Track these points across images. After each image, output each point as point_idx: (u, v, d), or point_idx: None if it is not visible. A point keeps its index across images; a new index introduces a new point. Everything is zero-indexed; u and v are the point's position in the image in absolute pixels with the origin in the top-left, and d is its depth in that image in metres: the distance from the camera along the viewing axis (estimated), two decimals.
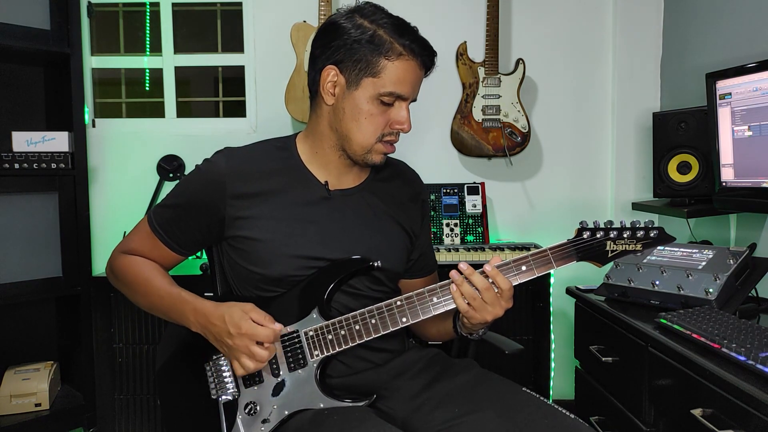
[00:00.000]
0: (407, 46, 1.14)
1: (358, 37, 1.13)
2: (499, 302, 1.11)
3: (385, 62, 1.13)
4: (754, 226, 1.86)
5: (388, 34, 1.14)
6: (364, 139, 1.18)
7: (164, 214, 1.24)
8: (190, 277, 2.12)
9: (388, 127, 1.19)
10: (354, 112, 1.17)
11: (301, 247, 1.19)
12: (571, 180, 2.61)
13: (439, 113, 2.52)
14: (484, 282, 1.10)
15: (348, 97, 1.17)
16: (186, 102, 2.80)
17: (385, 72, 1.14)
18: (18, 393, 2.13)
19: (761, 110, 1.55)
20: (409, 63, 1.15)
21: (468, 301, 1.10)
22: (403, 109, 1.18)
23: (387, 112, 1.18)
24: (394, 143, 1.23)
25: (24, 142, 2.20)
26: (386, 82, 1.14)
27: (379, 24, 1.14)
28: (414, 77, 1.17)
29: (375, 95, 1.15)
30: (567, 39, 2.58)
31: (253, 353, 1.09)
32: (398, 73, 1.14)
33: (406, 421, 1.18)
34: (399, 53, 1.14)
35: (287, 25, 2.41)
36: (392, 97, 1.16)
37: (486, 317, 1.12)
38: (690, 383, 1.18)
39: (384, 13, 1.17)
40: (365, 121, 1.17)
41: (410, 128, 1.20)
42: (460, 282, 1.11)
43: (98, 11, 2.63)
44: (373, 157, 1.21)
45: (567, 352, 2.40)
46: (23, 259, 2.33)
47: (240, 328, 1.08)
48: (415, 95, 1.20)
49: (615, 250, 1.12)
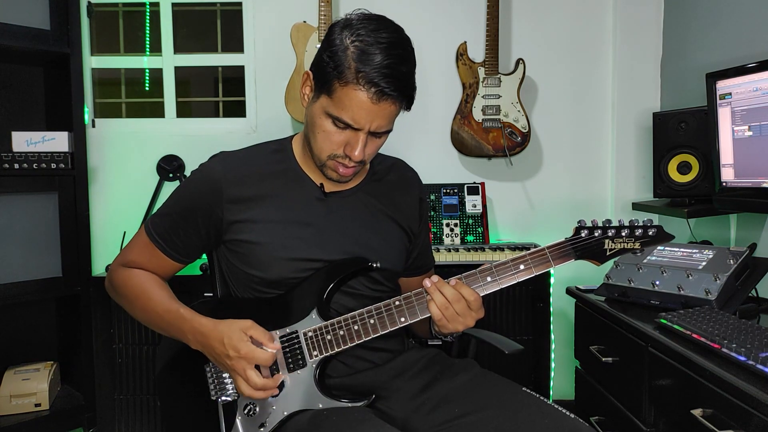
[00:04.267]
0: (362, 74, 1.05)
1: (331, 50, 1.09)
2: (470, 313, 1.11)
3: (336, 85, 1.08)
4: (754, 226, 1.86)
5: (353, 56, 1.06)
6: (317, 150, 1.17)
7: (161, 223, 1.23)
8: (190, 277, 2.12)
9: (342, 149, 1.14)
10: (312, 122, 1.16)
11: (298, 249, 1.19)
12: (571, 180, 2.61)
13: (439, 113, 2.52)
14: (453, 293, 1.10)
15: (310, 107, 1.16)
16: (186, 102, 2.80)
17: (336, 95, 1.09)
18: (18, 393, 2.13)
19: (761, 110, 1.55)
20: (359, 93, 1.07)
21: (441, 311, 1.10)
22: (357, 138, 1.12)
23: (342, 134, 1.12)
24: (348, 167, 1.16)
25: (24, 142, 2.20)
26: (336, 106, 1.09)
27: (353, 42, 1.07)
28: (365, 108, 1.08)
29: (327, 113, 1.12)
30: (567, 39, 2.58)
31: (248, 378, 1.08)
32: (346, 101, 1.08)
33: (406, 421, 1.18)
34: (350, 80, 1.06)
35: (287, 25, 2.41)
36: (342, 123, 1.11)
37: (457, 327, 1.12)
38: (690, 383, 1.18)
39: (372, 33, 1.08)
40: (319, 134, 1.14)
41: (361, 158, 1.13)
42: (432, 291, 1.11)
43: (98, 11, 2.63)
44: (327, 171, 1.19)
45: (567, 352, 2.39)
46: (23, 259, 2.33)
47: (239, 350, 1.08)
48: (373, 127, 1.11)
49: (613, 248, 1.12)
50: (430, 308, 1.11)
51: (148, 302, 1.20)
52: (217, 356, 1.11)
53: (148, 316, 1.21)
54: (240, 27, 2.61)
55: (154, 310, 1.19)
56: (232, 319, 1.11)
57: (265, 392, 1.10)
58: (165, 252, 1.23)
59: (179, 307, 1.17)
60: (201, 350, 1.14)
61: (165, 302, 1.19)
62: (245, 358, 1.08)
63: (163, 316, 1.18)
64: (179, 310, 1.16)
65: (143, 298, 1.21)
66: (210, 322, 1.12)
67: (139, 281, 1.23)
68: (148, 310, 1.20)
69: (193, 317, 1.14)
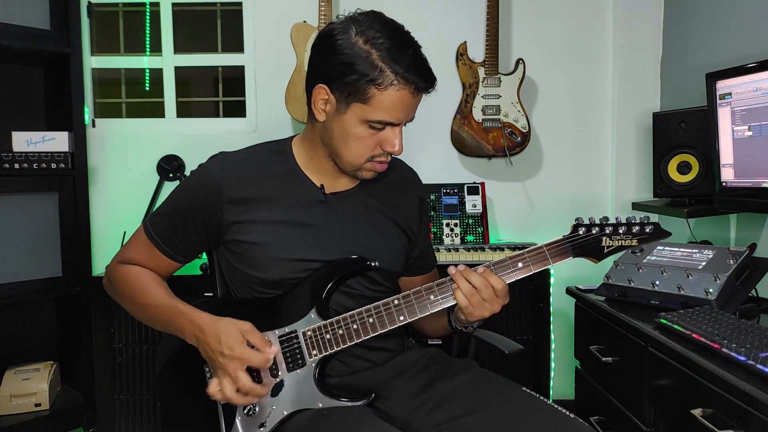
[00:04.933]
0: (400, 74, 1.08)
1: (350, 60, 1.08)
2: (497, 299, 1.12)
3: (374, 90, 1.08)
4: (754, 226, 1.86)
5: (382, 59, 1.07)
6: (353, 158, 1.17)
7: (161, 222, 1.23)
8: (190, 277, 2.12)
9: (379, 148, 1.16)
10: (342, 133, 1.15)
11: (298, 250, 1.19)
12: (571, 180, 2.61)
13: (439, 113, 2.52)
14: (481, 280, 1.10)
15: (337, 119, 1.14)
16: (186, 102, 2.80)
17: (374, 100, 1.09)
18: (18, 393, 2.13)
19: (761, 110, 1.55)
20: (401, 93, 1.09)
21: (467, 297, 1.11)
22: (395, 133, 1.14)
23: (377, 134, 1.14)
24: (385, 162, 1.20)
25: (24, 142, 2.20)
26: (376, 110, 1.10)
27: (374, 45, 1.08)
28: (405, 105, 1.12)
29: (364, 120, 1.12)
30: (567, 39, 2.58)
31: (237, 378, 1.07)
32: (387, 103, 1.09)
33: (406, 421, 1.18)
34: (391, 82, 1.08)
35: (287, 25, 2.41)
36: (381, 124, 1.13)
37: (484, 313, 1.12)
38: (690, 383, 1.18)
39: (383, 30, 1.09)
40: (353, 143, 1.15)
41: (401, 151, 1.16)
42: (458, 278, 1.11)
43: (98, 11, 2.63)
44: (363, 173, 1.20)
45: (567, 352, 2.39)
46: (23, 259, 2.33)
47: (233, 350, 1.07)
48: (407, 119, 1.16)
49: (611, 245, 1.12)
50: (456, 296, 1.11)
51: (146, 298, 1.20)
52: (210, 352, 1.10)
53: (147, 312, 1.21)
54: (240, 27, 2.61)
55: (152, 305, 1.19)
56: (232, 319, 1.11)
57: (246, 398, 1.09)
58: (163, 251, 1.23)
59: (177, 302, 1.17)
60: (195, 345, 1.13)
61: (163, 298, 1.19)
62: (239, 358, 1.07)
63: (161, 310, 1.18)
64: (177, 305, 1.16)
65: (141, 294, 1.21)
66: (209, 318, 1.12)
67: (137, 278, 1.23)
68: (147, 305, 1.20)
69: (192, 312, 1.14)
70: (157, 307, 1.19)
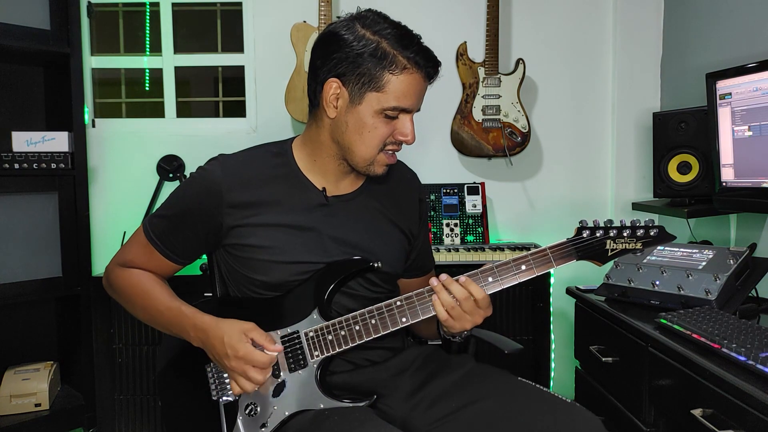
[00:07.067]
0: (411, 59, 1.12)
1: (361, 50, 1.11)
2: (478, 311, 1.11)
3: (389, 76, 1.11)
4: (754, 226, 1.86)
5: (391, 46, 1.11)
6: (366, 151, 1.17)
7: (160, 224, 1.22)
8: (190, 277, 2.12)
9: (392, 137, 1.18)
10: (357, 125, 1.15)
11: (299, 253, 1.19)
12: (572, 180, 2.61)
13: (439, 113, 2.52)
14: (462, 291, 1.09)
15: (351, 111, 1.15)
16: (186, 102, 2.80)
17: (389, 86, 1.12)
18: (18, 393, 2.13)
19: (761, 110, 1.55)
20: (413, 76, 1.13)
21: (447, 310, 1.10)
22: (407, 121, 1.17)
23: (391, 123, 1.16)
24: (396, 152, 1.22)
25: (24, 142, 2.20)
26: (390, 97, 1.12)
27: (382, 35, 1.11)
28: (418, 90, 1.15)
29: (379, 109, 1.13)
30: (567, 39, 2.58)
31: (249, 377, 1.08)
32: (402, 87, 1.12)
33: (405, 419, 1.18)
34: (403, 67, 1.11)
35: (287, 25, 2.41)
36: (396, 111, 1.14)
37: (465, 326, 1.11)
38: (690, 383, 1.18)
39: (387, 22, 1.14)
40: (368, 134, 1.16)
41: (414, 140, 1.18)
42: (439, 290, 1.10)
43: (98, 11, 2.63)
44: (375, 168, 1.20)
45: (567, 352, 2.39)
46: (23, 259, 2.33)
47: (237, 351, 1.08)
48: (419, 106, 1.18)
49: (615, 249, 1.11)
50: (436, 308, 1.10)
51: (148, 301, 1.20)
52: (216, 355, 1.11)
53: (149, 314, 1.21)
54: (240, 27, 2.61)
55: (155, 308, 1.19)
56: (234, 319, 1.11)
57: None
58: (163, 253, 1.22)
59: (180, 304, 1.17)
60: (202, 347, 1.14)
61: (166, 300, 1.19)
62: (243, 359, 1.08)
63: (164, 313, 1.18)
64: (180, 307, 1.16)
65: (144, 297, 1.21)
66: (212, 320, 1.12)
67: (138, 280, 1.23)
68: (149, 308, 1.20)
69: (195, 314, 1.14)
70: (159, 309, 1.19)
